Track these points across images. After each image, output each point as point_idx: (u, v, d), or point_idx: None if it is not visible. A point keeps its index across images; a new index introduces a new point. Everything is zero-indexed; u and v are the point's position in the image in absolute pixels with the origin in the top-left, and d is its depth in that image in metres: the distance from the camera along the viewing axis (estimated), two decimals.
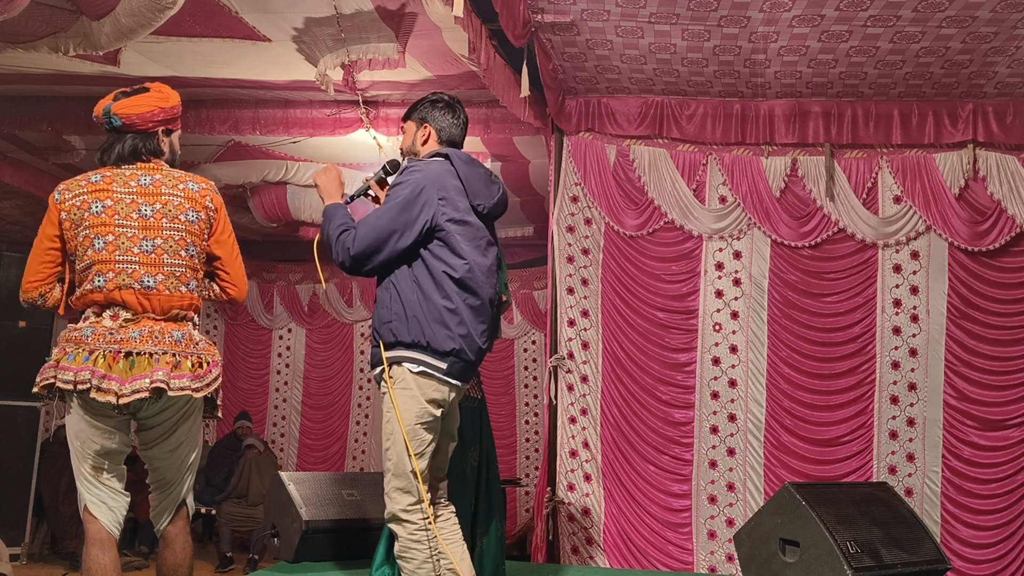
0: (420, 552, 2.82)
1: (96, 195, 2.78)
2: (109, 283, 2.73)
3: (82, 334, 2.71)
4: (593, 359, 5.71)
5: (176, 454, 2.88)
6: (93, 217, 2.75)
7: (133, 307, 2.75)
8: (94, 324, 2.73)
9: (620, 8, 4.53)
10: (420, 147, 3.14)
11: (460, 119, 3.17)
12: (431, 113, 3.15)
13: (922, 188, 5.56)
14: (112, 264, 2.74)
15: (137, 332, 2.72)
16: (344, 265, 2.90)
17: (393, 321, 2.86)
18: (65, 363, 2.67)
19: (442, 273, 2.87)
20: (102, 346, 2.68)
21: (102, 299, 2.74)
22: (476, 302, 2.92)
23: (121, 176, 2.83)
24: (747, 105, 5.69)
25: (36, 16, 4.42)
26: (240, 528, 7.75)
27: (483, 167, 3.14)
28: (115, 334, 2.70)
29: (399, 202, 2.87)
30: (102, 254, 2.74)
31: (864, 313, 5.61)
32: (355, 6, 4.55)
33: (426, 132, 3.14)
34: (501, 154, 6.66)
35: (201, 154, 6.95)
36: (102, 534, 2.72)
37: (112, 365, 2.66)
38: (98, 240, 2.74)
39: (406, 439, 2.83)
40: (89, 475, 2.75)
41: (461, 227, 2.93)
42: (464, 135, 3.21)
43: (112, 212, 2.76)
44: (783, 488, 4.18)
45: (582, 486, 5.64)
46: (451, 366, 2.87)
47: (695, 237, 5.72)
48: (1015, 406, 5.44)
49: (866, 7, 4.43)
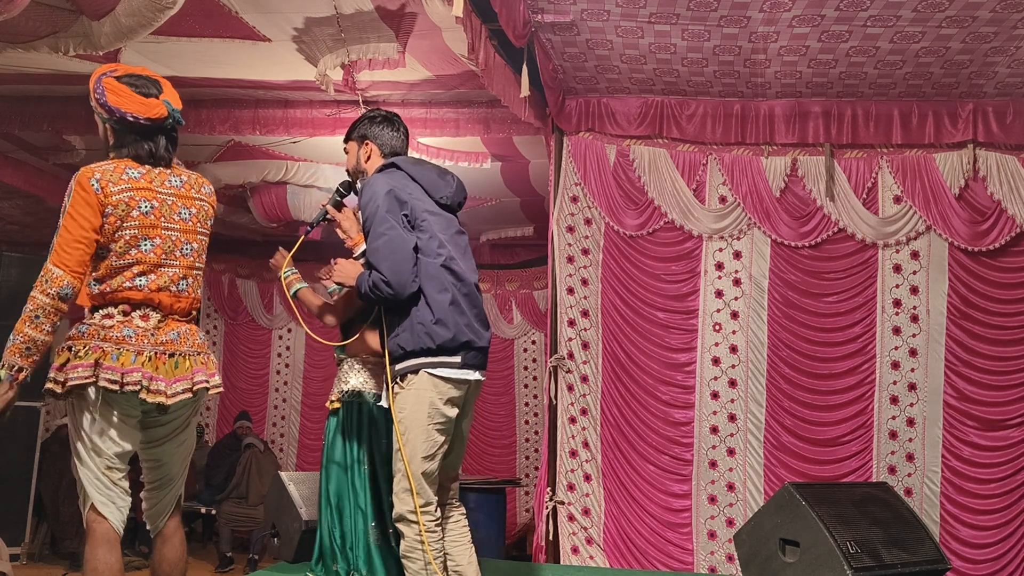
0: (425, 554, 2.82)
1: (142, 193, 2.71)
2: (151, 284, 2.72)
3: (122, 334, 2.66)
4: (593, 359, 5.71)
5: (182, 450, 2.90)
6: (142, 217, 2.70)
7: (165, 308, 2.75)
8: (128, 324, 2.68)
9: (620, 8, 4.53)
10: (365, 164, 3.21)
11: (400, 131, 3.24)
12: (370, 130, 3.21)
13: (922, 188, 5.56)
14: (157, 267, 2.72)
15: (175, 333, 2.74)
16: (391, 295, 2.85)
17: (400, 334, 2.90)
18: (109, 363, 2.62)
19: (439, 267, 2.90)
20: (147, 347, 2.67)
21: (140, 299, 2.71)
22: (466, 289, 2.98)
23: (155, 175, 2.78)
24: (747, 105, 5.69)
25: (36, 16, 4.42)
26: (240, 528, 7.75)
27: (430, 163, 3.22)
28: (155, 335, 2.70)
29: (380, 213, 2.90)
30: (149, 256, 2.71)
31: (864, 313, 5.61)
32: (355, 6, 4.55)
33: (368, 149, 3.20)
34: (501, 154, 6.66)
35: (201, 154, 6.95)
36: (110, 534, 2.70)
37: (159, 366, 2.67)
38: (146, 242, 2.70)
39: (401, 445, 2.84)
40: (102, 475, 2.71)
41: (435, 218, 3.00)
42: (406, 146, 3.27)
43: (159, 214, 2.73)
44: (783, 488, 4.18)
45: (582, 486, 5.64)
46: (464, 358, 2.90)
47: (695, 237, 5.72)
48: (1015, 406, 5.44)
49: (866, 7, 4.43)
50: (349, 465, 3.56)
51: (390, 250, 2.85)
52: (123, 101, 2.74)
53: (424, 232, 2.94)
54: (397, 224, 2.89)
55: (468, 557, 2.97)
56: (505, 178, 7.16)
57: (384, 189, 2.94)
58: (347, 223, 3.19)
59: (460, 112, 5.91)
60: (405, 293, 2.85)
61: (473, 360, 2.95)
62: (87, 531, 2.70)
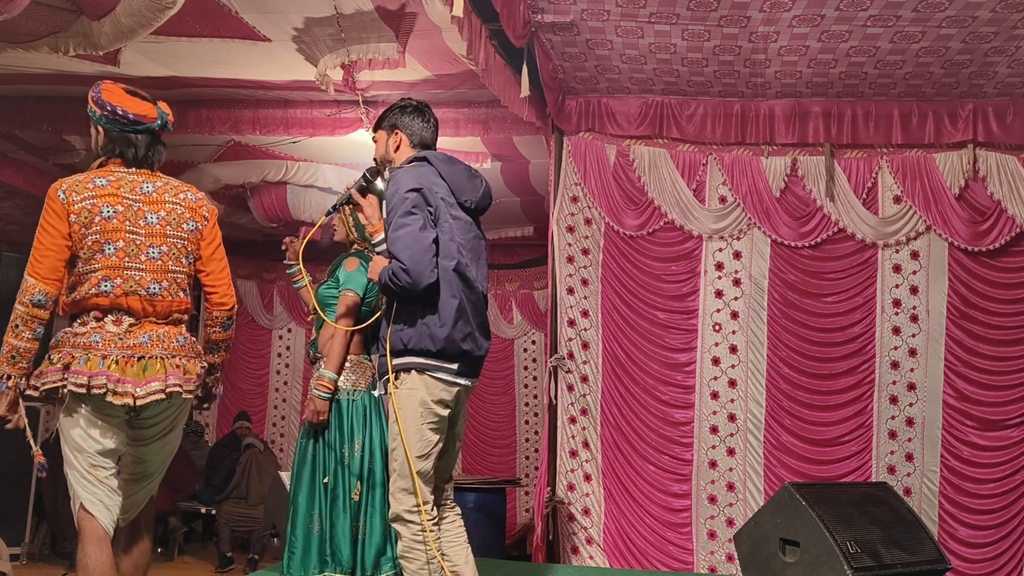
0: (423, 553, 2.82)
1: (105, 199, 2.80)
2: (116, 289, 2.78)
3: (91, 340, 2.74)
4: (593, 359, 5.71)
5: (166, 449, 3.01)
6: (104, 222, 2.78)
7: (137, 312, 2.82)
8: (99, 330, 2.77)
9: (620, 8, 4.53)
10: (393, 154, 3.17)
11: (430, 122, 3.21)
12: (400, 119, 3.18)
13: (922, 188, 5.56)
14: (121, 270, 2.79)
15: (146, 337, 2.80)
16: (410, 284, 2.81)
17: (404, 329, 2.89)
18: (76, 367, 2.70)
19: (452, 272, 2.90)
20: (114, 351, 2.74)
21: (107, 304, 2.78)
22: (474, 297, 2.97)
23: (126, 180, 2.86)
24: (747, 105, 5.69)
25: (36, 16, 4.41)
26: (240, 528, 7.74)
27: (462, 164, 3.19)
28: (124, 339, 2.77)
29: (406, 206, 2.88)
30: (112, 260, 2.78)
31: (864, 313, 5.61)
32: (355, 6, 4.55)
33: (397, 138, 3.17)
34: (501, 154, 6.66)
35: (201, 154, 6.94)
36: (99, 532, 2.75)
37: (125, 369, 2.73)
38: (108, 246, 2.78)
39: (404, 443, 2.83)
40: (87, 474, 2.78)
41: (456, 222, 2.98)
42: (435, 137, 3.24)
43: (123, 218, 2.80)
44: (783, 488, 4.18)
45: (582, 486, 5.64)
46: (461, 366, 2.89)
47: (695, 237, 5.72)
48: (1014, 406, 5.44)
49: (866, 7, 4.43)
50: (331, 460, 3.57)
51: (411, 240, 2.83)
52: (116, 98, 2.88)
53: (444, 233, 2.92)
54: (421, 219, 2.87)
55: (465, 557, 2.96)
56: (505, 178, 7.15)
57: (412, 184, 2.91)
58: (370, 209, 3.16)
59: (460, 112, 5.91)
60: (422, 283, 2.82)
61: (468, 369, 2.96)
62: (79, 530, 2.76)
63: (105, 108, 2.85)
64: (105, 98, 2.86)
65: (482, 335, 3.00)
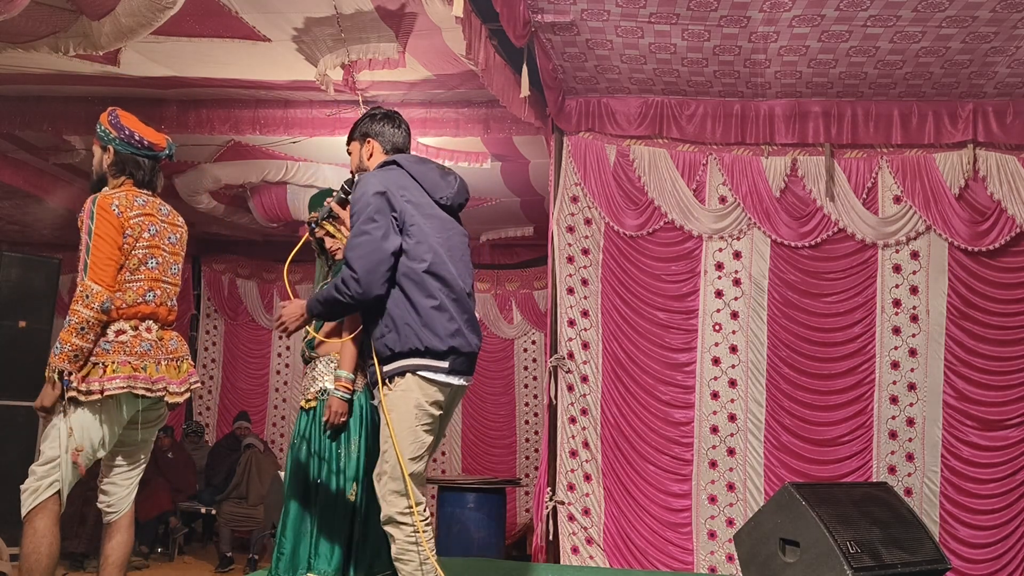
0: (417, 555, 2.81)
1: (149, 218, 3.15)
2: (157, 299, 3.16)
3: (142, 348, 3.07)
4: (593, 359, 5.71)
5: (154, 434, 3.39)
6: (150, 238, 3.14)
7: (162, 320, 3.19)
8: (143, 338, 3.09)
9: (620, 8, 4.54)
10: (368, 162, 3.19)
11: (401, 127, 3.22)
12: (371, 127, 3.20)
13: (922, 188, 5.56)
14: (159, 283, 3.17)
15: (175, 342, 3.23)
16: (359, 294, 2.82)
17: (386, 335, 2.87)
18: (141, 374, 3.04)
19: (422, 273, 2.88)
20: (162, 356, 3.13)
21: (148, 312, 3.13)
22: (454, 295, 2.94)
23: (152, 203, 3.21)
24: (747, 105, 5.70)
25: (36, 16, 4.41)
26: (240, 528, 7.75)
27: (433, 162, 3.18)
28: (163, 344, 3.16)
29: (368, 212, 2.86)
30: (155, 273, 3.15)
31: (864, 313, 5.61)
32: (355, 6, 4.55)
33: (370, 147, 3.18)
34: (501, 154, 6.66)
35: (201, 154, 6.94)
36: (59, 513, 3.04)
37: (169, 370, 3.14)
38: (152, 260, 3.14)
39: (396, 445, 2.83)
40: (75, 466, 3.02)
41: (429, 221, 2.96)
42: (408, 142, 3.25)
43: (160, 237, 3.19)
44: (783, 488, 4.18)
45: (582, 486, 5.64)
46: (452, 363, 2.88)
47: (695, 237, 5.72)
48: (1014, 406, 5.44)
49: (866, 7, 4.43)
50: (326, 460, 3.55)
51: (369, 249, 2.82)
52: (132, 124, 3.20)
53: (412, 237, 2.89)
54: (383, 226, 2.85)
55: None
56: (505, 178, 7.16)
57: (377, 186, 2.90)
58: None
59: (460, 112, 5.91)
60: (370, 295, 2.82)
61: (460, 366, 2.92)
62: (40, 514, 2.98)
63: (123, 132, 3.15)
64: (123, 123, 3.16)
65: (470, 331, 2.96)
